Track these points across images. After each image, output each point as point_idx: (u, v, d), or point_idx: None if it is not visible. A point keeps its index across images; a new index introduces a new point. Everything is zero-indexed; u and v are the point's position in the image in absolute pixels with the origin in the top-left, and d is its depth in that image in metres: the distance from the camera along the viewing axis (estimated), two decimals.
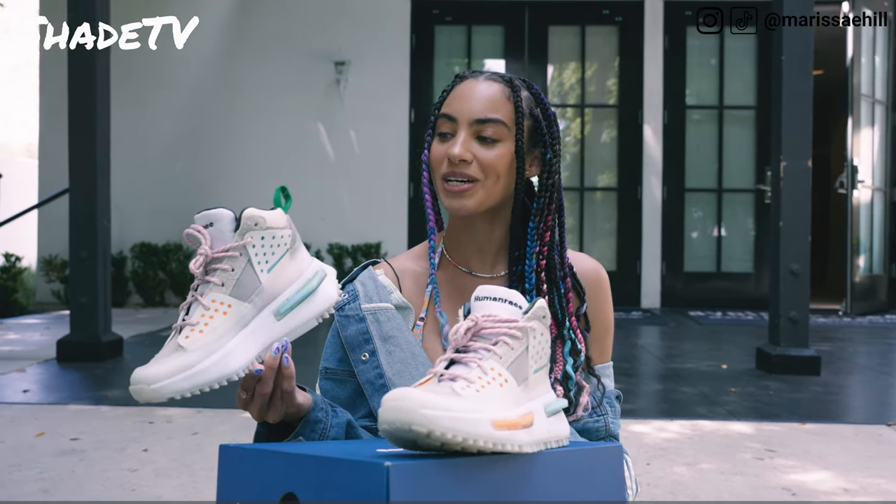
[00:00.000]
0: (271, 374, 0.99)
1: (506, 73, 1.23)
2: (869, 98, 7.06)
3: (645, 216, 7.54)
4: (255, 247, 0.98)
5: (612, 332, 1.28)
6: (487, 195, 1.17)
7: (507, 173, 1.18)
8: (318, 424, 1.07)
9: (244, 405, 1.03)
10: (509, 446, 0.83)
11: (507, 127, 1.17)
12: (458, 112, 1.18)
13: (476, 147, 1.17)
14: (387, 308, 1.19)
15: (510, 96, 1.18)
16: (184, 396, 0.94)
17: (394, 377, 1.14)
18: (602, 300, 1.26)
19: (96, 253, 4.48)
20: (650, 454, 2.78)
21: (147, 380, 0.92)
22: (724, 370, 4.50)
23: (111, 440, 2.88)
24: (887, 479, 2.54)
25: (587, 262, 1.28)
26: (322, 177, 7.61)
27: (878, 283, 7.37)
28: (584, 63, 7.76)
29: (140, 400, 0.93)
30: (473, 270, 1.24)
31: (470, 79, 1.21)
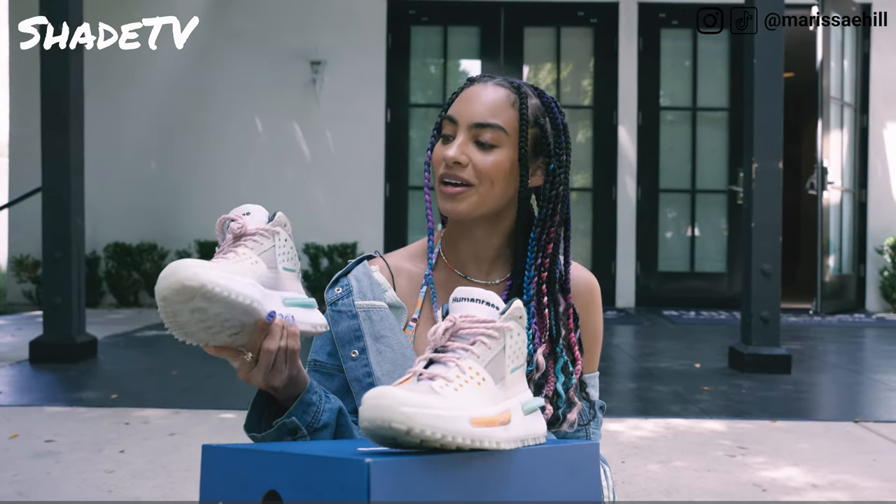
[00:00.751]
0: (278, 329, 1.02)
1: (518, 80, 1.22)
2: (838, 101, 7.18)
3: (620, 216, 7.61)
4: (280, 241, 1.08)
5: (600, 343, 1.29)
6: (481, 201, 1.16)
7: (504, 180, 1.17)
8: (311, 407, 1.09)
9: (247, 372, 1.04)
10: (487, 443, 0.85)
11: (507, 133, 1.16)
12: (459, 114, 1.17)
13: (473, 151, 1.16)
14: (380, 307, 1.19)
15: (515, 103, 1.17)
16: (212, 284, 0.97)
17: (383, 377, 1.15)
18: (593, 311, 1.26)
19: (70, 253, 4.44)
20: (625, 452, 2.82)
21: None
22: (697, 369, 4.56)
23: (87, 442, 2.87)
24: (854, 475, 2.60)
25: (581, 273, 1.27)
26: (298, 177, 7.59)
27: (848, 283, 7.50)
28: (559, 64, 7.81)
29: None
30: (469, 275, 1.23)
31: (478, 83, 1.20)
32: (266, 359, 1.03)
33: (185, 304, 0.97)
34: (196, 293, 0.95)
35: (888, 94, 7.56)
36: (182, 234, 7.45)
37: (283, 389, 1.08)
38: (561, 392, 1.14)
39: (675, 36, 7.73)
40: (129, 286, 7.33)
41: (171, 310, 0.98)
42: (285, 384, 1.07)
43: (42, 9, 4.34)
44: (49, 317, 4.47)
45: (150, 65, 7.32)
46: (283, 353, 1.04)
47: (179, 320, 0.99)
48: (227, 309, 0.99)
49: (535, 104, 1.20)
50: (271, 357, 1.03)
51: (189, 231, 7.44)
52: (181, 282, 0.95)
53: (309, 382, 1.10)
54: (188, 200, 7.59)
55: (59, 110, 4.46)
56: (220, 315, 0.99)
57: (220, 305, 0.98)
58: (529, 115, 1.18)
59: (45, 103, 4.48)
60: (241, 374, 1.05)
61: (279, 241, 1.08)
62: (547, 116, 1.20)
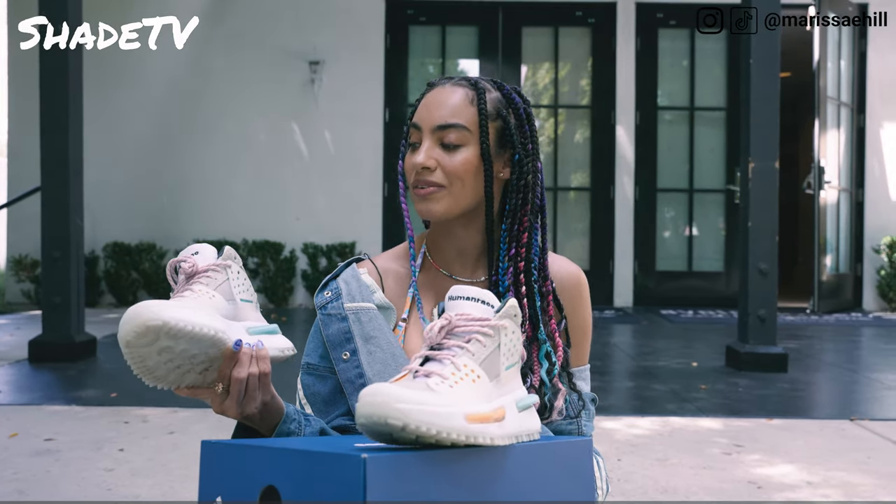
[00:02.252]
0: (247, 357, 1.03)
1: (475, 77, 1.23)
2: (835, 100, 7.19)
3: (617, 216, 7.62)
4: (233, 274, 1.11)
5: (589, 336, 1.29)
6: (455, 200, 1.18)
7: (474, 177, 1.18)
8: (290, 436, 1.09)
9: (220, 404, 1.05)
10: (482, 439, 0.87)
11: (470, 131, 1.17)
12: (423, 120, 1.19)
13: (440, 154, 1.17)
14: (369, 308, 1.20)
15: (473, 100, 1.18)
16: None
17: (374, 377, 1.16)
18: (581, 304, 1.27)
19: (69, 253, 4.46)
20: (622, 450, 2.84)
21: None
22: (694, 368, 4.58)
23: (86, 440, 2.88)
24: (848, 472, 2.61)
25: (567, 266, 1.28)
26: (297, 176, 7.61)
27: (845, 282, 7.52)
28: (557, 64, 7.83)
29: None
30: (455, 274, 1.25)
31: (437, 87, 1.21)
32: (237, 387, 1.03)
33: (150, 346, 0.97)
34: (160, 332, 0.96)
35: (885, 94, 7.58)
36: (181, 234, 7.46)
37: (259, 419, 1.08)
38: (545, 379, 1.15)
39: (672, 36, 7.74)
40: (127, 286, 7.34)
41: (137, 355, 0.98)
42: (260, 411, 1.07)
43: (41, 9, 4.35)
44: (48, 316, 4.48)
45: (148, 65, 7.32)
46: (256, 380, 1.04)
47: (147, 364, 1.00)
48: (193, 344, 1.00)
49: (496, 98, 1.20)
50: (242, 385, 1.03)
51: (188, 231, 7.45)
52: (144, 324, 0.96)
53: (286, 412, 1.10)
54: (187, 200, 7.61)
55: (58, 110, 4.47)
56: (188, 351, 1.00)
57: (186, 341, 0.99)
58: (490, 108, 1.19)
59: (44, 103, 4.49)
60: (215, 407, 1.06)
61: (232, 274, 1.10)
62: (509, 108, 1.21)
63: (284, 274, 7.36)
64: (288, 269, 7.38)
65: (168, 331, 0.96)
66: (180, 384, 1.05)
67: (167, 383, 1.04)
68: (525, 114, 1.22)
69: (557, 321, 1.22)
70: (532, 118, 1.23)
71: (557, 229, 7.75)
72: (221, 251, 1.12)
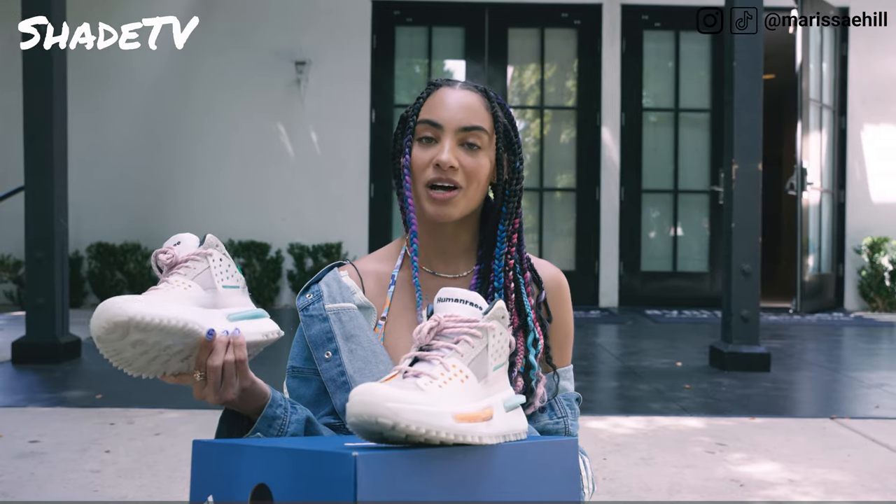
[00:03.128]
0: (221, 346, 1.05)
1: (477, 83, 1.28)
2: (817, 103, 7.27)
3: (603, 216, 7.66)
4: (215, 261, 1.12)
5: (571, 337, 1.33)
6: (469, 202, 1.23)
7: (486, 179, 1.24)
8: (275, 420, 1.11)
9: (200, 391, 1.07)
10: (470, 438, 0.89)
11: (489, 135, 1.23)
12: (444, 119, 1.22)
13: (461, 154, 1.21)
14: (349, 308, 1.23)
15: (488, 106, 1.24)
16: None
17: (355, 374, 1.18)
18: (563, 307, 1.31)
19: (53, 253, 4.44)
20: (606, 449, 2.87)
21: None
22: (678, 367, 4.61)
23: (72, 442, 2.88)
24: (828, 469, 2.65)
25: (548, 268, 1.32)
26: (282, 177, 7.60)
27: (827, 282, 7.60)
28: (543, 65, 7.86)
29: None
30: (436, 271, 1.28)
31: (446, 87, 1.25)
32: (213, 375, 1.05)
33: (121, 340, 0.99)
34: (129, 326, 0.98)
35: (865, 97, 7.67)
36: (166, 234, 7.26)
37: (241, 403, 1.10)
38: (533, 363, 1.19)
39: (657, 37, 7.79)
40: (112, 286, 7.31)
41: (111, 349, 1.00)
42: (240, 397, 1.09)
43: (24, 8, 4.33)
44: (32, 317, 4.46)
45: (133, 64, 7.29)
46: (232, 367, 1.06)
47: (124, 356, 1.02)
48: (165, 335, 1.01)
49: (497, 106, 1.26)
50: (218, 373, 1.05)
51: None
52: (110, 320, 0.97)
53: (271, 395, 1.12)
54: (172, 200, 7.58)
55: (42, 111, 4.45)
56: (161, 342, 1.02)
57: (157, 333, 1.00)
58: (500, 115, 1.25)
59: (27, 104, 4.47)
60: (196, 393, 1.08)
61: (214, 262, 1.11)
62: (507, 117, 1.28)
63: (270, 274, 7.36)
64: (274, 270, 7.37)
65: (136, 325, 0.98)
66: (165, 372, 1.07)
67: (150, 372, 1.06)
68: (514, 122, 1.29)
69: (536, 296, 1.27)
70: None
71: (543, 230, 7.78)
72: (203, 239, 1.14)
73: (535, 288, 1.27)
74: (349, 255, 7.40)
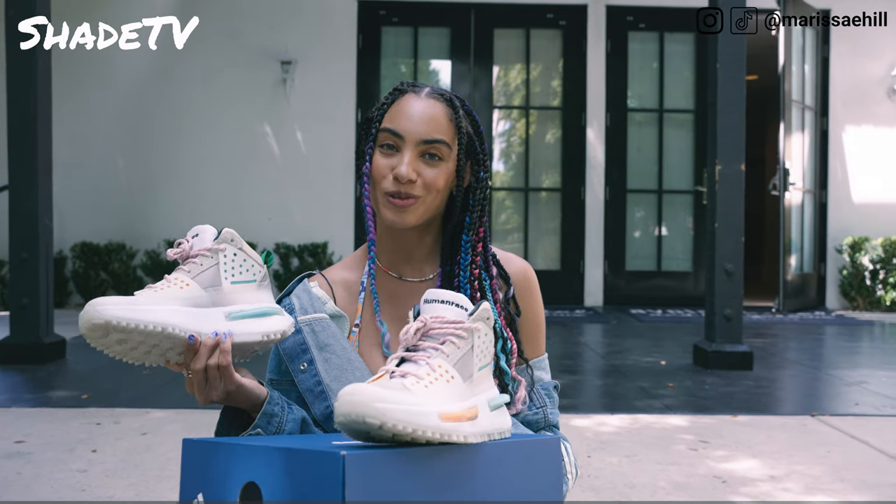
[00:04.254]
0: (205, 350, 1.07)
1: (443, 90, 1.28)
2: (799, 104, 7.34)
3: (588, 216, 7.70)
4: (227, 257, 1.12)
5: (543, 328, 1.35)
6: (427, 210, 1.24)
7: (445, 188, 1.25)
8: (273, 418, 1.14)
9: (189, 388, 1.11)
10: (455, 437, 0.91)
11: (450, 147, 1.24)
12: (405, 130, 1.22)
13: (421, 166, 1.22)
14: (321, 318, 1.25)
15: (452, 117, 1.24)
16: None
17: (331, 383, 1.20)
18: (532, 298, 1.33)
19: (38, 253, 4.42)
20: (591, 447, 2.90)
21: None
22: (662, 366, 4.65)
23: (58, 442, 2.88)
24: (809, 466, 2.69)
25: (515, 262, 1.34)
26: (268, 176, 7.59)
27: (809, 282, 7.67)
28: (528, 65, 7.89)
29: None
30: (403, 276, 1.30)
31: (411, 93, 1.25)
32: (196, 377, 1.08)
33: (106, 338, 1.02)
34: (109, 328, 1.01)
35: (847, 98, 7.75)
36: (151, 234, 7.42)
37: (232, 402, 1.13)
38: (505, 369, 1.19)
39: (642, 38, 7.84)
40: (96, 286, 7.28)
41: (100, 345, 1.04)
42: (226, 399, 1.12)
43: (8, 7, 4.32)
44: (16, 318, 4.44)
45: (118, 63, 7.27)
46: (215, 370, 1.08)
47: (116, 350, 1.05)
48: (147, 337, 1.04)
49: (462, 114, 1.27)
50: (200, 375, 1.08)
51: (159, 231, 7.41)
52: (90, 321, 1.01)
53: (269, 394, 1.15)
54: (157, 200, 7.56)
55: (27, 110, 4.43)
56: (146, 343, 1.05)
57: (137, 335, 1.03)
58: (464, 125, 1.26)
59: (11, 103, 4.45)
60: (187, 388, 1.11)
61: (225, 258, 1.12)
62: (472, 125, 1.28)
63: None
64: None
65: (114, 328, 1.01)
66: (166, 361, 1.10)
67: (150, 362, 1.09)
68: (482, 131, 1.30)
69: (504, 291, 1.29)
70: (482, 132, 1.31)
71: (528, 229, 7.82)
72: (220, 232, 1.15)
73: (502, 283, 1.29)
74: (335, 255, 7.41)
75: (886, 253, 7.44)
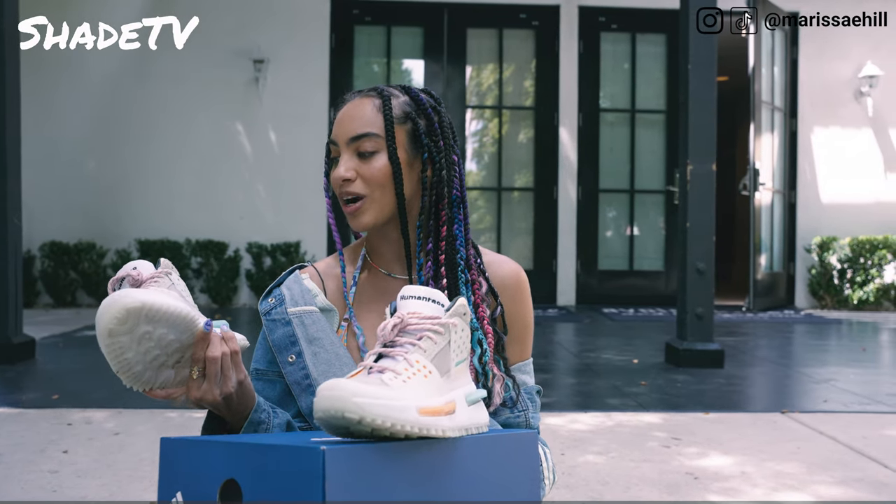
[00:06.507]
0: (216, 338, 1.08)
1: (381, 86, 1.27)
2: (769, 105, 7.44)
3: (560, 216, 7.75)
4: (175, 279, 1.13)
5: (531, 331, 1.34)
6: (380, 207, 1.23)
7: (390, 180, 1.22)
8: (260, 425, 1.13)
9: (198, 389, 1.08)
10: (434, 431, 0.91)
11: (381, 137, 1.22)
12: (336, 135, 1.24)
13: (357, 164, 1.22)
14: (311, 311, 1.25)
15: (380, 107, 1.23)
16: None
17: (319, 377, 1.20)
18: (523, 302, 1.32)
19: (6, 252, 4.36)
20: (565, 444, 2.92)
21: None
22: (635, 364, 4.70)
23: (28, 443, 2.84)
24: (779, 461, 2.74)
25: (507, 264, 1.32)
26: (241, 176, 7.55)
27: (778, 281, 7.78)
28: (501, 65, 7.92)
29: None
30: (394, 273, 1.30)
31: (348, 102, 1.26)
32: (213, 367, 1.07)
33: (130, 333, 1.01)
34: (140, 314, 1.00)
35: (815, 100, 7.87)
36: (122, 233, 7.34)
37: (236, 403, 1.11)
38: (477, 365, 1.16)
39: (614, 39, 7.90)
40: (66, 286, 7.19)
41: (117, 346, 1.01)
42: (237, 392, 1.10)
43: None
44: None
45: (88, 62, 7.18)
46: (228, 359, 1.08)
47: (127, 357, 1.03)
48: (170, 327, 1.03)
49: (403, 101, 1.25)
50: (217, 364, 1.07)
51: (129, 230, 7.33)
52: (124, 307, 0.99)
53: (257, 401, 1.15)
54: (128, 199, 7.48)
55: None
56: (165, 337, 1.04)
57: (164, 324, 1.02)
58: (398, 112, 1.23)
59: None
60: (193, 394, 1.08)
61: (175, 280, 1.13)
62: (418, 109, 1.26)
63: (228, 274, 7.30)
64: (232, 269, 7.32)
65: (147, 312, 1.00)
66: (154, 383, 1.08)
67: (142, 383, 1.07)
68: (434, 111, 1.26)
69: (493, 309, 1.25)
70: (443, 115, 1.26)
71: (501, 229, 7.84)
72: (158, 263, 1.15)
73: (491, 300, 1.25)
74: (308, 255, 7.38)
75: (854, 252, 7.56)
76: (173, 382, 1.09)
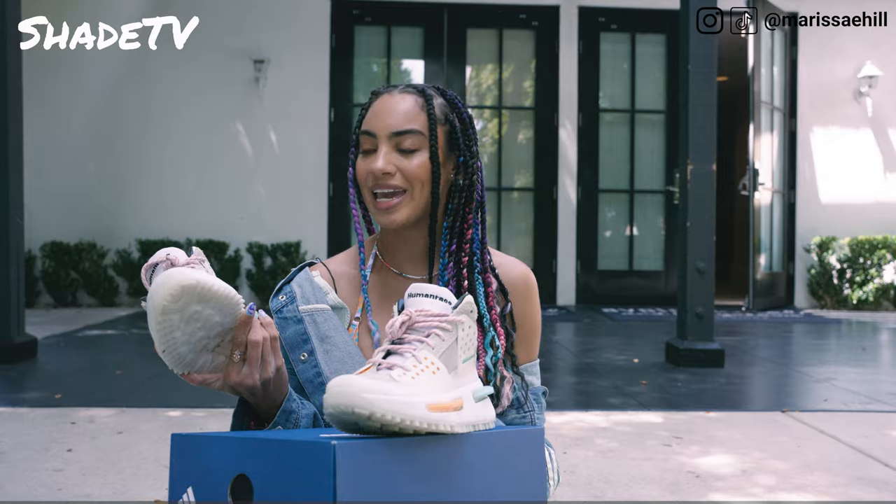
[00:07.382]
0: (258, 323, 1.09)
1: (420, 84, 1.29)
2: (768, 105, 7.45)
3: (560, 216, 7.76)
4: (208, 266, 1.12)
5: (539, 332, 1.35)
6: (416, 205, 1.24)
7: (431, 180, 1.24)
8: (291, 414, 1.14)
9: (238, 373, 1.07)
10: (442, 427, 0.93)
11: (424, 136, 1.23)
12: (377, 127, 1.23)
13: (397, 158, 1.23)
14: (324, 309, 1.25)
15: (423, 106, 1.24)
16: None
17: (331, 376, 1.20)
18: (531, 304, 1.33)
19: (8, 252, 4.37)
20: (567, 443, 2.93)
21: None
22: (635, 364, 4.71)
23: (32, 442, 2.85)
24: (779, 460, 2.75)
25: (517, 266, 1.33)
26: (241, 176, 7.55)
27: (778, 280, 7.79)
28: (501, 65, 7.93)
29: None
30: (406, 273, 1.30)
31: (385, 94, 1.26)
32: (255, 351, 1.07)
33: (181, 311, 1.02)
34: (193, 293, 1.01)
35: (814, 100, 7.88)
36: (123, 233, 7.35)
37: (273, 389, 1.11)
38: (490, 366, 1.19)
39: (613, 39, 7.92)
40: (66, 286, 7.20)
41: (168, 324, 1.01)
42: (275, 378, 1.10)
43: None
44: None
45: (89, 63, 7.19)
46: (268, 344, 1.09)
47: (174, 336, 1.03)
48: (217, 309, 1.04)
49: (441, 103, 1.27)
50: (259, 349, 1.07)
51: (130, 230, 7.34)
52: (179, 284, 1.00)
53: (289, 389, 1.15)
54: (129, 199, 7.49)
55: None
56: (211, 318, 1.05)
57: (212, 305, 1.03)
58: (438, 114, 1.25)
59: None
60: (233, 377, 1.08)
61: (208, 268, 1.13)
62: (454, 112, 1.28)
63: (229, 273, 7.30)
64: (232, 269, 7.33)
65: (200, 290, 1.01)
66: (194, 366, 1.07)
67: (184, 365, 1.06)
68: (468, 117, 1.28)
69: (502, 306, 1.27)
70: (472, 121, 1.29)
71: (501, 229, 7.86)
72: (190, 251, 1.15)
73: (501, 298, 1.27)
74: (308, 254, 7.39)
75: (853, 252, 7.58)
76: (210, 367, 1.09)
